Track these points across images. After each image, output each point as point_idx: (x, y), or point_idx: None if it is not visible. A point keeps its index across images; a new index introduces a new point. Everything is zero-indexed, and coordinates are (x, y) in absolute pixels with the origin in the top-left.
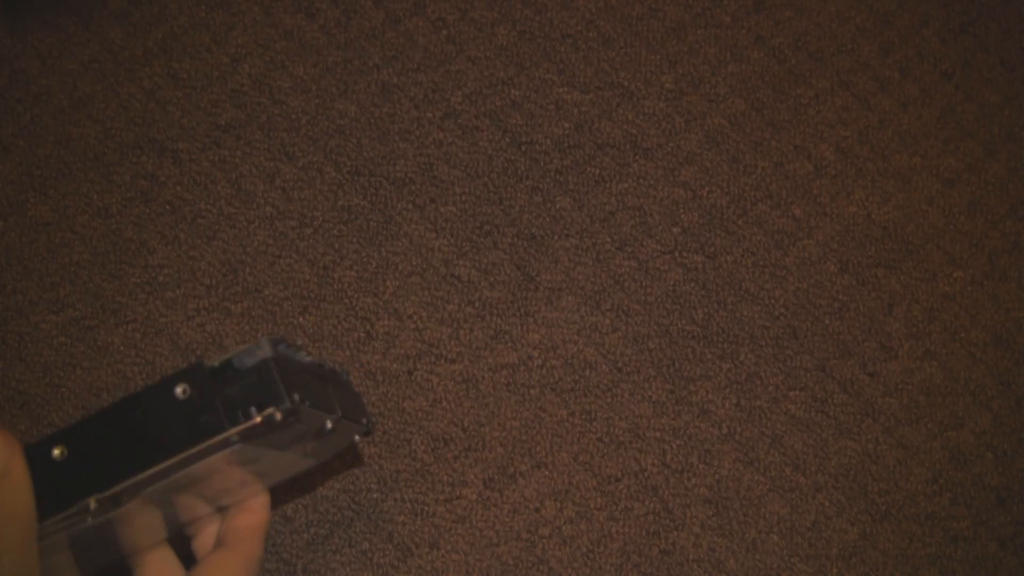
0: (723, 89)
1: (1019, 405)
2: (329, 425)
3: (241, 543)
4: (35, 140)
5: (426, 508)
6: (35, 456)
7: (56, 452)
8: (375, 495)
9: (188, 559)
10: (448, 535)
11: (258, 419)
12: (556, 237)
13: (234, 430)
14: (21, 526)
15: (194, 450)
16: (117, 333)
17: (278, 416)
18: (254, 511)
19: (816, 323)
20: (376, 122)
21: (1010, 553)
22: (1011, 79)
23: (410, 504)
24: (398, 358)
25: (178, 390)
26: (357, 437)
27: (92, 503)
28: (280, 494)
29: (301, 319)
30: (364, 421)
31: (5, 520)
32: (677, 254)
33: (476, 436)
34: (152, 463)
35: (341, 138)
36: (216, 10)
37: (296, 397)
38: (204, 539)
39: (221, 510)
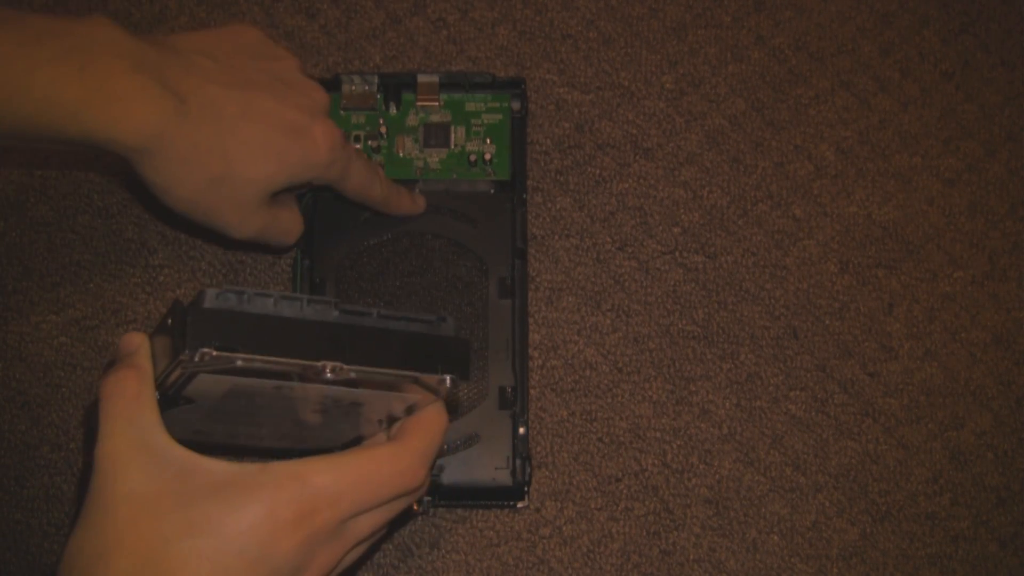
0: (723, 89)
1: (1019, 405)
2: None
3: (411, 436)
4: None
5: None
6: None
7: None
8: None
9: None
10: (448, 535)
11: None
12: (556, 237)
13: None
14: None
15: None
16: (118, 333)
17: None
18: (430, 411)
19: (816, 323)
20: None
21: (1010, 553)
22: (1011, 79)
23: None
24: None
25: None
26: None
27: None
28: None
29: None
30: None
31: None
32: (677, 254)
33: None
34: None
35: None
36: (216, 10)
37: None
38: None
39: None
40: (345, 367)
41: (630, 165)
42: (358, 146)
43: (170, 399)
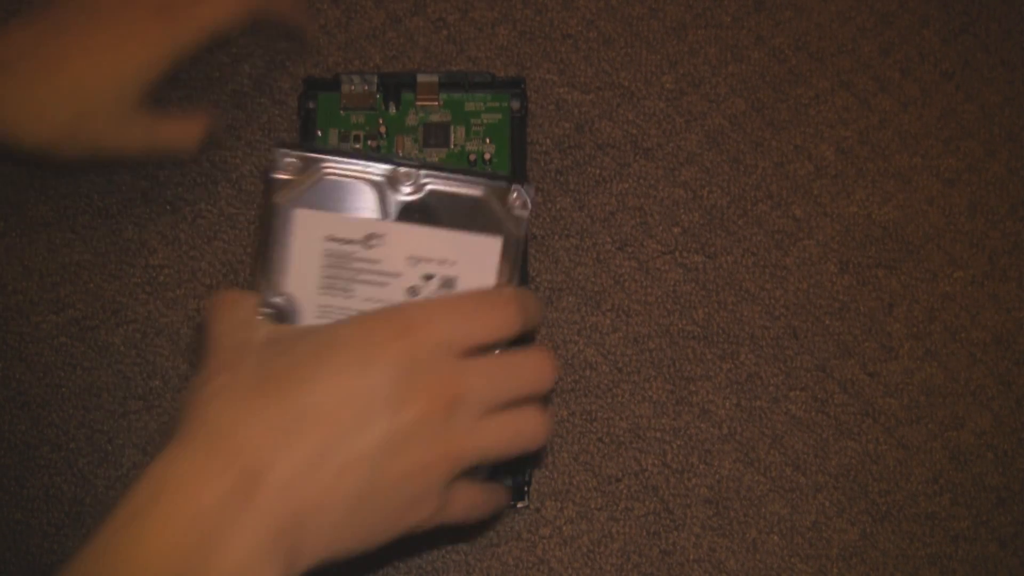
0: (723, 89)
1: (1019, 405)
2: None
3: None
4: None
5: None
6: None
7: None
8: None
9: None
10: (448, 535)
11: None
12: (556, 237)
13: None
14: None
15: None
16: (117, 333)
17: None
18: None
19: (816, 323)
20: None
21: (1010, 553)
22: (1011, 79)
23: None
24: None
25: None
26: None
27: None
28: None
29: None
30: None
31: None
32: (677, 254)
33: None
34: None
35: None
36: None
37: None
38: None
39: None
40: (426, 163)
41: (630, 165)
42: (357, 145)
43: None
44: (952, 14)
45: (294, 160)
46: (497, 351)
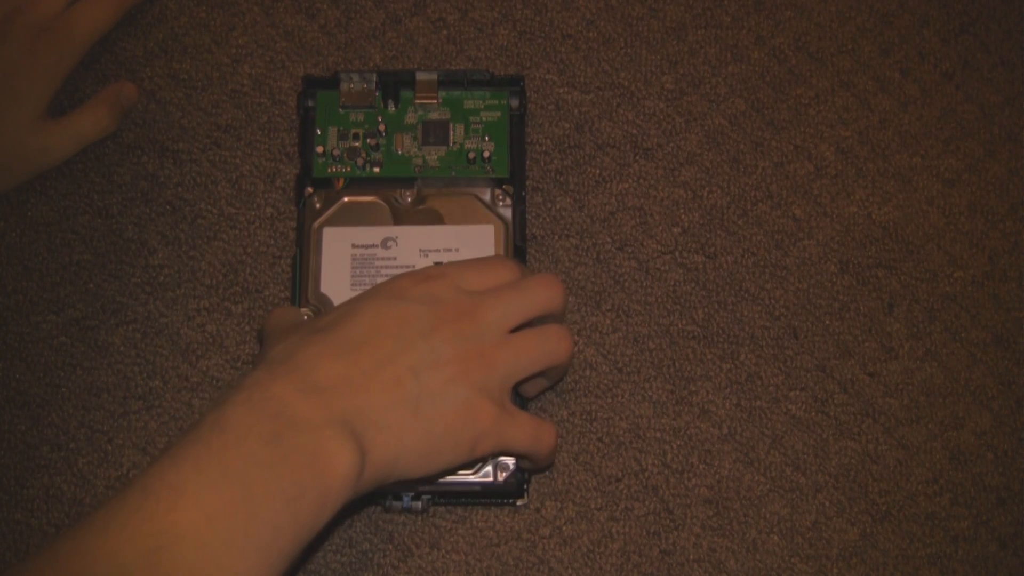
0: (723, 89)
1: (1020, 405)
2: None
3: None
4: None
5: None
6: None
7: None
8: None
9: None
10: (448, 535)
11: None
12: (556, 237)
13: None
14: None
15: None
16: (117, 333)
17: None
18: None
19: (816, 323)
20: None
21: (1010, 553)
22: (1011, 79)
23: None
24: None
25: None
26: None
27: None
28: None
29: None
30: None
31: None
32: (677, 254)
33: None
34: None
35: None
36: (216, 10)
37: None
38: None
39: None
40: (423, 177)
41: (630, 165)
42: (356, 144)
43: None
44: (952, 14)
45: (320, 194)
46: None
